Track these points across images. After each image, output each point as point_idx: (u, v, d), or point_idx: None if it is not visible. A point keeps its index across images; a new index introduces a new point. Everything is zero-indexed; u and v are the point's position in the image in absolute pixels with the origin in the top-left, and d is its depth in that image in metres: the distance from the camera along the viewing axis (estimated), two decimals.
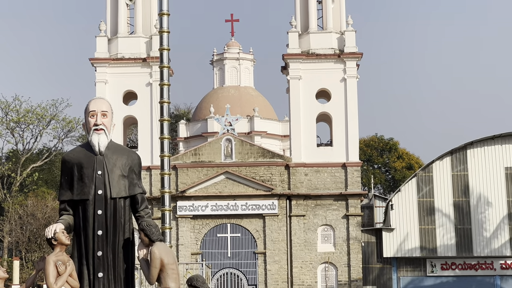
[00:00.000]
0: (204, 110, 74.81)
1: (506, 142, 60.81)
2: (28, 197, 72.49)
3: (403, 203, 60.57)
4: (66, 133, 77.89)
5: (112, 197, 11.80)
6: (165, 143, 26.55)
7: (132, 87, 62.10)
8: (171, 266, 12.01)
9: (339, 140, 61.03)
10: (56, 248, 11.60)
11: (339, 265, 60.11)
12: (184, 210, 60.18)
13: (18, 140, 77.41)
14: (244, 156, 61.39)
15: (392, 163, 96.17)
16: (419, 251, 60.10)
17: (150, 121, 59.60)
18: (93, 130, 11.86)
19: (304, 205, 60.54)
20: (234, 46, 78.79)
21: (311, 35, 62.05)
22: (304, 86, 61.33)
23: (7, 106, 75.61)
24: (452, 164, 60.78)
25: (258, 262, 60.29)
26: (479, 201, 60.25)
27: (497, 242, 59.96)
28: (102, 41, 62.72)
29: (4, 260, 65.83)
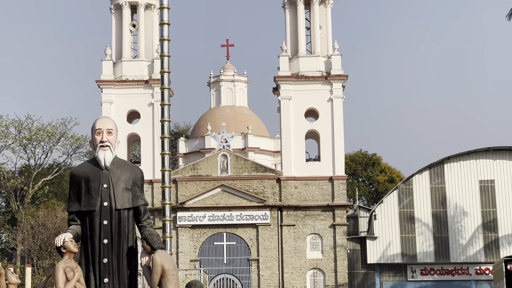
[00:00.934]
0: (202, 128, 74.78)
1: (480, 157, 60.84)
2: (39, 208, 72.31)
3: (385, 214, 60.54)
4: (74, 149, 77.81)
5: (116, 208, 11.80)
6: (165, 158, 26.51)
7: (135, 107, 62.08)
8: (171, 272, 11.98)
9: (326, 156, 61.03)
10: (65, 255, 11.58)
11: (326, 271, 60.02)
12: (183, 220, 60.11)
13: (30, 156, 77.31)
14: (239, 170, 61.38)
15: (375, 177, 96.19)
16: (401, 257, 60.04)
17: (152, 138, 59.54)
18: (99, 147, 11.86)
19: (294, 216, 60.49)
20: (230, 69, 78.82)
21: (300, 59, 62.10)
22: (294, 106, 61.36)
23: (20, 125, 75.54)
24: (430, 178, 60.78)
25: (252, 268, 60.18)
26: (456, 212, 60.26)
27: (472, 249, 59.94)
28: (108, 65, 62.74)
29: (17, 267, 65.62)
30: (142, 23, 63.45)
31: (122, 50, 63.33)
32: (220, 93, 78.16)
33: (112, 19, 64.19)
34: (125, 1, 63.33)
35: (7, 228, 75.21)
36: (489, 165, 60.72)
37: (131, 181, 12.00)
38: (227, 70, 78.68)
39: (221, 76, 78.52)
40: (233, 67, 79.18)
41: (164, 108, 26.29)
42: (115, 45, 63.66)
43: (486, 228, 60.15)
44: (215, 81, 78.81)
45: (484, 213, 60.26)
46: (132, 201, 11.95)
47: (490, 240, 60.00)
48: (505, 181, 60.38)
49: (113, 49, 63.47)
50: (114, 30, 64.00)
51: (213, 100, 78.90)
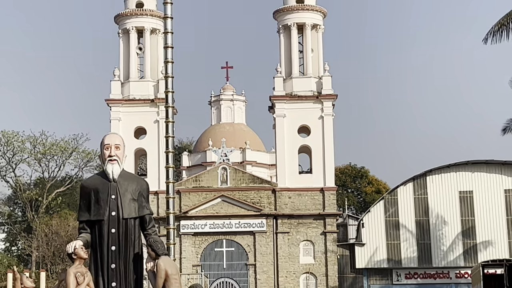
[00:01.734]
0: (204, 143, 74.73)
1: (460, 169, 60.88)
2: (52, 217, 72.17)
3: (372, 222, 60.51)
4: (85, 163, 77.88)
5: (124, 217, 11.78)
6: (170, 171, 26.48)
7: (142, 123, 62.06)
8: (174, 277, 11.95)
9: (317, 168, 61.03)
10: (76, 261, 11.56)
11: (318, 275, 59.92)
12: (186, 228, 60.03)
13: (44, 169, 77.34)
14: (238, 182, 61.34)
15: (363, 188, 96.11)
16: (386, 262, 59.97)
17: (157, 153, 59.43)
18: (108, 161, 11.85)
19: (288, 224, 60.43)
20: (229, 89, 78.85)
21: (293, 80, 62.16)
22: (287, 123, 61.38)
23: (35, 140, 75.61)
24: (414, 189, 60.78)
25: (249, 272, 60.07)
26: (437, 220, 60.23)
27: (453, 255, 59.91)
28: (116, 85, 62.78)
29: (32, 271, 65.38)
30: (148, 47, 63.52)
31: (129, 71, 63.37)
32: (220, 111, 78.16)
33: (120, 42, 64.24)
34: (132, 26, 63.42)
35: (23, 236, 75.10)
36: (468, 177, 60.75)
37: (137, 192, 11.98)
38: (227, 90, 78.71)
39: (221, 95, 78.55)
40: (232, 88, 79.22)
41: (168, 125, 26.29)
42: (123, 67, 63.70)
43: (465, 235, 60.12)
44: (216, 100, 78.83)
45: (463, 221, 60.26)
46: (138, 211, 11.93)
47: (469, 246, 59.97)
48: (483, 192, 60.40)
49: (121, 70, 63.52)
50: (122, 52, 64.04)
51: (213, 117, 78.90)
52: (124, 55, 63.90)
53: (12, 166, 76.99)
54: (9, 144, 75.87)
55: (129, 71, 63.37)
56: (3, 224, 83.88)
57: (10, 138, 75.68)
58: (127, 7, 64.08)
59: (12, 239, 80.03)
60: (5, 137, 75.41)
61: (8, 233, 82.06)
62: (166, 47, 26.57)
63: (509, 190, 59.92)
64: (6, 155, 76.26)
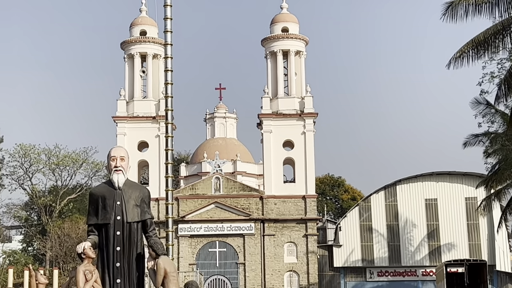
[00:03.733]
0: (199, 155, 74.64)
1: (425, 179, 60.98)
2: (64, 221, 71.97)
3: (348, 226, 60.49)
4: (94, 173, 77.62)
5: (127, 221, 11.76)
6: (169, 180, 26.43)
7: (144, 138, 62.04)
8: (172, 274, 11.92)
9: (300, 178, 61.06)
10: (85, 260, 11.54)
11: (300, 272, 59.87)
12: (183, 231, 59.92)
13: (57, 178, 77.07)
14: (229, 190, 61.32)
15: (340, 196, 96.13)
16: (361, 262, 59.94)
17: (158, 164, 59.39)
18: (114, 171, 11.85)
19: (274, 227, 60.40)
20: (222, 108, 78.83)
21: (279, 100, 62.26)
22: (273, 138, 61.45)
23: (49, 152, 75.44)
24: (385, 196, 60.84)
25: (239, 270, 59.98)
26: (406, 224, 60.29)
27: (419, 255, 59.93)
28: (122, 103, 62.79)
29: (46, 269, 65.15)
30: (150, 70, 63.61)
31: (133, 91, 63.40)
32: (214, 127, 78.13)
33: (125, 66, 64.31)
34: (136, 52, 63.50)
35: (38, 237, 74.84)
36: (433, 186, 60.87)
37: (140, 199, 11.98)
38: (220, 109, 78.71)
39: (215, 113, 78.53)
40: (225, 106, 79.22)
41: (168, 139, 26.26)
42: (128, 87, 63.75)
43: (430, 238, 60.18)
44: (210, 117, 78.82)
45: (428, 225, 60.32)
46: (141, 215, 11.92)
47: (434, 247, 60.01)
48: (446, 200, 60.52)
49: (126, 91, 63.55)
50: (127, 75, 64.11)
51: (208, 133, 78.86)
52: (129, 77, 63.95)
53: (29, 175, 76.81)
54: (26, 156, 75.72)
55: (133, 91, 63.39)
56: (20, 227, 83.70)
57: (28, 151, 75.54)
58: (132, 35, 64.23)
59: (29, 240, 79.72)
60: (23, 150, 75.30)
61: (25, 235, 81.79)
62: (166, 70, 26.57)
63: (469, 198, 60.02)
64: (23, 165, 76.12)
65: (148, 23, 64.17)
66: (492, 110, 45.46)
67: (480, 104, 45.04)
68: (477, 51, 26.65)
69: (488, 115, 46.48)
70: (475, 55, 26.70)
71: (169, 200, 26.45)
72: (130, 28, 64.64)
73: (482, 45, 26.51)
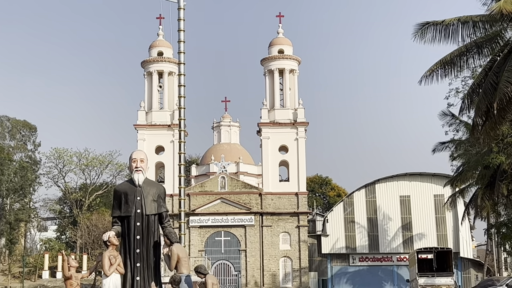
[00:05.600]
0: (208, 158, 74.62)
1: (400, 179, 61.01)
2: (92, 214, 72.00)
3: (334, 218, 60.49)
4: (118, 172, 77.73)
5: (146, 214, 11.78)
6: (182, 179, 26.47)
7: (161, 143, 61.99)
8: (184, 259, 11.94)
9: (293, 178, 61.01)
10: (109, 247, 11.55)
11: (293, 258, 59.79)
12: (194, 222, 59.85)
13: (87, 177, 77.18)
14: (233, 187, 61.26)
15: (328, 193, 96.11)
16: (345, 249, 59.93)
17: (172, 165, 59.36)
18: (135, 171, 11.88)
19: (271, 219, 60.33)
20: (227, 117, 78.78)
21: (276, 111, 62.23)
22: (271, 143, 61.40)
23: (80, 155, 75.63)
24: (366, 193, 60.85)
25: (241, 256, 59.88)
26: (383, 217, 60.27)
27: (395, 243, 59.90)
28: (142, 113, 62.75)
29: (77, 255, 65.14)
30: (166, 85, 63.58)
31: (152, 103, 63.37)
32: (220, 134, 78.09)
33: (145, 81, 64.31)
34: (154, 70, 63.52)
35: (70, 227, 74.90)
36: (407, 185, 60.88)
37: (157, 195, 12.01)
38: (225, 118, 78.67)
39: (221, 122, 78.50)
40: (230, 116, 79.18)
41: (181, 144, 26.31)
42: (147, 100, 63.71)
43: (404, 229, 60.16)
44: (217, 126, 78.79)
45: (403, 218, 60.31)
46: (157, 209, 11.95)
47: (407, 237, 59.98)
48: (417, 196, 60.56)
49: (145, 103, 63.51)
50: (146, 89, 64.10)
51: (215, 138, 78.82)
52: (148, 91, 63.94)
53: (62, 174, 76.88)
54: (60, 158, 75.82)
55: (151, 103, 63.37)
56: (55, 218, 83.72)
57: (61, 154, 75.64)
58: (151, 55, 64.25)
59: (62, 230, 79.72)
60: (57, 153, 75.44)
61: (59, 225, 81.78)
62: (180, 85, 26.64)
63: (437, 195, 60.02)
64: (58, 166, 76.24)
65: (164, 45, 64.22)
66: (457, 120, 45.55)
67: (447, 115, 45.15)
68: (444, 70, 26.64)
69: (453, 125, 46.56)
70: (443, 73, 26.69)
71: (182, 196, 26.50)
72: (149, 49, 64.68)
73: (449, 64, 26.51)
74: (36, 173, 69.41)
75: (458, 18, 25.94)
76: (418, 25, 26.02)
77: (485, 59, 26.74)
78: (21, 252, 70.89)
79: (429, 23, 26.00)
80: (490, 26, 25.91)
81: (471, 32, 26.00)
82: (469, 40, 26.21)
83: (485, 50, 26.28)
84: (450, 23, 25.82)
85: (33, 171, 67.40)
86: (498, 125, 25.74)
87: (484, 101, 25.01)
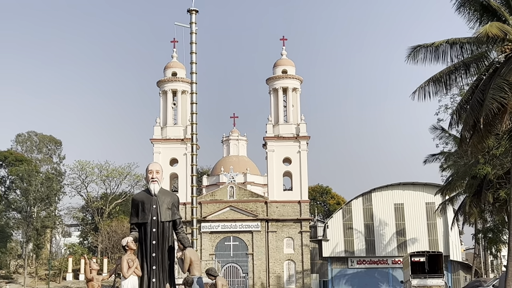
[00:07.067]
0: (218, 169, 74.62)
1: (394, 188, 60.89)
2: (112, 221, 71.97)
3: (334, 224, 60.32)
4: (135, 183, 77.70)
5: (161, 221, 11.74)
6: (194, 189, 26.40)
7: (175, 155, 62.02)
8: (196, 262, 11.87)
9: (296, 187, 60.91)
10: (128, 251, 11.51)
11: (296, 261, 59.57)
12: (205, 228, 59.74)
13: (107, 187, 77.19)
14: (241, 196, 61.17)
15: (328, 201, 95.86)
16: (344, 253, 59.73)
17: (185, 176, 59.37)
18: (151, 181, 11.85)
19: (276, 225, 60.17)
20: (235, 132, 78.87)
21: (280, 126, 62.25)
22: (275, 156, 61.36)
23: (101, 167, 75.69)
24: (363, 201, 60.71)
25: (248, 259, 59.72)
26: (379, 223, 60.08)
27: (390, 248, 59.67)
28: (157, 129, 62.84)
29: (98, 258, 65.13)
30: (179, 102, 63.69)
31: (166, 119, 63.45)
32: (229, 147, 78.14)
33: (160, 99, 64.45)
34: (169, 89, 63.68)
35: (92, 233, 74.82)
36: (400, 193, 60.75)
37: (171, 203, 11.96)
38: (234, 133, 78.75)
39: (230, 136, 78.57)
40: (238, 131, 79.27)
41: (193, 157, 26.26)
42: (162, 116, 63.81)
43: (398, 234, 59.93)
44: (226, 140, 78.86)
45: (397, 224, 60.11)
46: (172, 216, 11.90)
47: (401, 242, 59.75)
48: (410, 204, 60.39)
49: (161, 119, 63.61)
50: (162, 106, 64.20)
51: (224, 151, 78.86)
52: (163, 108, 64.04)
53: (85, 185, 76.96)
54: (83, 170, 75.94)
55: (166, 119, 63.46)
56: (78, 225, 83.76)
57: (84, 166, 75.77)
58: (165, 76, 64.45)
59: (84, 235, 79.73)
60: (80, 165, 75.60)
61: (81, 231, 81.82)
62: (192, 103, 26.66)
63: (429, 203, 59.85)
64: (81, 177, 76.35)
65: (178, 66, 64.41)
66: (446, 134, 45.50)
67: (437, 129, 45.11)
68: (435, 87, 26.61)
69: (443, 138, 46.52)
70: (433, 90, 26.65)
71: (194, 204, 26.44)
72: (164, 70, 64.90)
73: (439, 82, 26.48)
74: (61, 183, 69.52)
75: (447, 40, 25.99)
76: (411, 48, 26.05)
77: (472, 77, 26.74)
78: (47, 256, 70.94)
79: (420, 46, 26.06)
80: (476, 47, 25.93)
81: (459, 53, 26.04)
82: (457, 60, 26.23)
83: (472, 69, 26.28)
84: (440, 45, 25.87)
85: (58, 182, 67.50)
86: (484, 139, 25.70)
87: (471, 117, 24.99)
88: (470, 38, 25.60)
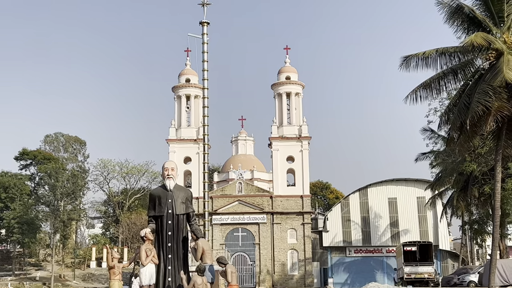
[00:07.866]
0: (227, 166, 74.65)
1: (388, 184, 60.74)
2: (132, 213, 72.14)
3: (333, 217, 60.22)
4: (153, 179, 77.92)
5: (176, 214, 11.76)
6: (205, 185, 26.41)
7: (188, 154, 62.04)
8: (208, 252, 11.88)
9: (298, 183, 60.83)
10: (146, 241, 11.54)
11: (299, 250, 59.51)
12: (216, 221, 59.74)
13: (127, 183, 77.44)
14: (248, 191, 61.14)
15: (327, 195, 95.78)
16: (342, 242, 59.61)
17: (198, 173, 59.38)
18: (167, 178, 11.87)
19: (280, 218, 60.13)
20: (243, 133, 78.87)
21: (284, 127, 62.19)
22: (280, 154, 61.32)
23: (121, 165, 75.96)
24: (360, 196, 60.57)
25: (255, 248, 59.67)
26: (374, 216, 59.94)
27: (384, 238, 59.52)
28: (172, 130, 62.89)
29: (119, 248, 65.28)
30: (192, 106, 63.72)
31: (181, 121, 63.49)
32: (238, 147, 78.15)
33: (175, 104, 64.49)
34: (183, 94, 63.74)
35: (113, 225, 74.99)
36: (394, 188, 60.58)
37: (185, 198, 11.98)
38: (242, 134, 78.76)
39: (238, 137, 78.57)
40: (246, 132, 79.24)
41: (205, 155, 26.27)
42: (177, 118, 63.84)
43: (392, 226, 59.79)
44: (235, 140, 78.86)
45: (390, 217, 59.97)
46: (186, 209, 11.91)
47: (394, 232, 59.61)
48: (403, 199, 60.23)
49: (175, 121, 63.66)
50: (176, 110, 64.22)
51: (233, 150, 78.86)
52: (178, 111, 64.08)
53: (107, 181, 77.21)
54: (105, 167, 76.24)
55: (180, 121, 63.51)
56: (100, 217, 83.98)
57: (106, 164, 76.07)
58: (180, 82, 64.49)
59: (106, 227, 79.94)
60: (103, 163, 75.97)
61: (104, 223, 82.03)
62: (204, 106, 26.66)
63: (420, 197, 59.69)
64: (103, 174, 76.65)
65: (191, 73, 64.47)
66: (435, 135, 45.45)
67: (427, 130, 45.12)
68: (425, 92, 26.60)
69: (432, 138, 46.49)
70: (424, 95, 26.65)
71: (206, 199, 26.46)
72: (179, 76, 64.95)
73: (429, 87, 26.47)
74: (85, 180, 69.73)
75: (436, 49, 26.00)
76: (403, 58, 26.07)
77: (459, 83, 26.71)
78: (73, 245, 71.15)
79: (412, 55, 26.09)
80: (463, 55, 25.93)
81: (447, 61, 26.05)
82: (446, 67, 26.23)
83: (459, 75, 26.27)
84: (430, 54, 25.88)
85: (83, 178, 67.71)
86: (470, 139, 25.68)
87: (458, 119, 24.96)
88: (457, 47, 25.59)
